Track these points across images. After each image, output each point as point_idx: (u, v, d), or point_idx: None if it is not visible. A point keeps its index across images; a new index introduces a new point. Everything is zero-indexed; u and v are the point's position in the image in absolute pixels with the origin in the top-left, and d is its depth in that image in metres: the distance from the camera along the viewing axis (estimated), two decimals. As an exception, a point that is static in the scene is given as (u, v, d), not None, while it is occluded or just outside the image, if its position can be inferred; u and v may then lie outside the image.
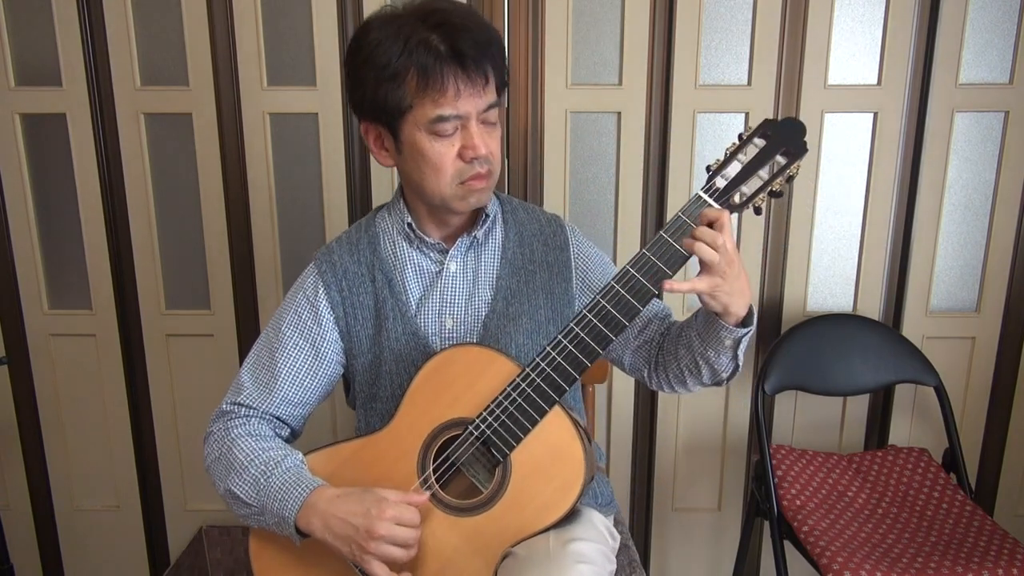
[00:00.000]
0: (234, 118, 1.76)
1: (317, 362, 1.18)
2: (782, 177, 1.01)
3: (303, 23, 1.71)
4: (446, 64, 1.03)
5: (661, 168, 1.78)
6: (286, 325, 1.18)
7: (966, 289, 1.84)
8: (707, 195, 1.01)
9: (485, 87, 1.07)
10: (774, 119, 1.02)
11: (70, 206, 1.81)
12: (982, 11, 1.69)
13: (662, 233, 1.01)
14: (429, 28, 1.03)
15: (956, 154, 1.76)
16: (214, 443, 1.15)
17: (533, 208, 1.26)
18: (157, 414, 1.93)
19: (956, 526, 1.55)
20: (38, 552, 2.03)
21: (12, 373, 1.91)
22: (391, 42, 1.03)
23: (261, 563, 1.14)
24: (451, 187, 1.10)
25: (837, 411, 1.91)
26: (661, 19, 1.71)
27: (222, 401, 1.18)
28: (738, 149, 1.02)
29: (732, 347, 1.08)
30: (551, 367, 1.03)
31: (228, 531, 1.97)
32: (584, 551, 1.05)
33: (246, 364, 1.19)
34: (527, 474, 1.05)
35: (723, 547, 1.99)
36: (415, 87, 1.04)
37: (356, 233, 1.22)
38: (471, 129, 1.07)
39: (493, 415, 1.05)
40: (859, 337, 1.75)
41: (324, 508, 1.03)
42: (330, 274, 1.18)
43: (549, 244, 1.22)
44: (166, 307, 1.87)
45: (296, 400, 1.18)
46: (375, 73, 1.05)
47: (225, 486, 1.10)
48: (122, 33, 1.71)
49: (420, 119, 1.06)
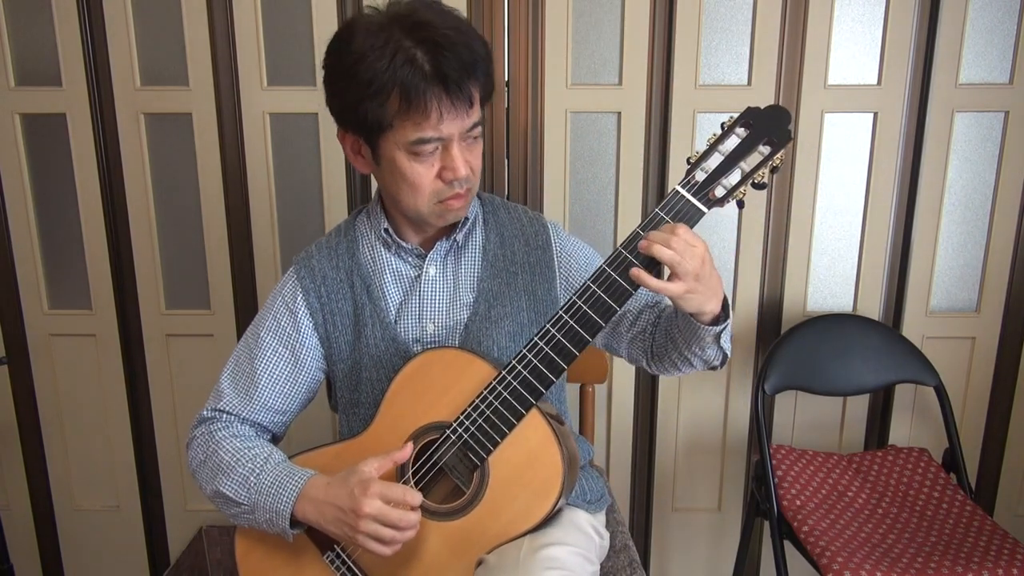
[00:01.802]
0: (234, 118, 1.76)
1: (296, 368, 1.17)
2: (765, 167, 0.97)
3: (303, 23, 1.71)
4: (430, 86, 0.99)
5: (661, 168, 1.78)
6: (265, 331, 1.17)
7: (966, 289, 1.84)
8: (685, 189, 0.98)
9: (470, 109, 1.04)
10: (756, 107, 0.98)
11: (70, 206, 1.81)
12: (982, 11, 1.69)
13: (638, 230, 0.98)
14: (415, 43, 0.99)
15: (956, 154, 1.76)
16: (198, 448, 1.14)
17: (515, 207, 1.24)
18: (157, 414, 1.93)
19: (956, 526, 1.55)
20: (38, 552, 2.03)
21: (12, 373, 1.91)
22: (375, 56, 0.99)
23: (248, 565, 1.13)
24: (428, 205, 1.09)
25: (837, 411, 1.91)
26: (661, 19, 1.71)
27: (203, 407, 1.17)
28: (719, 140, 0.99)
29: (714, 341, 1.06)
30: (527, 369, 1.02)
31: (228, 531, 1.97)
32: (557, 556, 1.03)
33: (226, 370, 1.18)
34: (505, 479, 1.04)
35: (723, 547, 1.99)
36: (397, 107, 1.00)
37: (335, 237, 1.21)
38: (452, 151, 1.04)
39: (470, 418, 1.04)
40: (859, 337, 1.75)
41: (315, 496, 1.03)
42: (308, 280, 1.17)
43: (531, 244, 1.19)
44: (166, 307, 1.87)
45: (276, 407, 1.17)
46: (356, 87, 1.01)
47: (213, 488, 1.10)
48: (122, 33, 1.71)
49: (400, 139, 1.03)
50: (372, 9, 1.05)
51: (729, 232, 1.81)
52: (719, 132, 0.99)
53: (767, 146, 0.97)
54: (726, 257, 1.82)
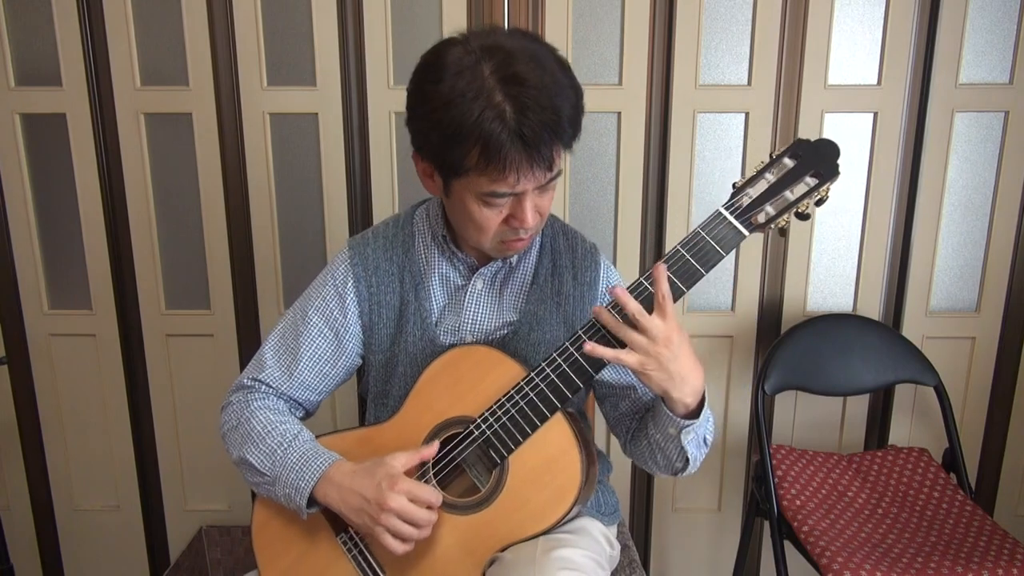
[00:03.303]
0: (234, 118, 1.76)
1: (338, 351, 1.18)
2: (810, 199, 0.99)
3: (303, 23, 1.71)
4: (513, 149, 0.95)
5: (661, 168, 1.78)
6: (313, 310, 1.18)
7: (966, 289, 1.84)
8: (729, 212, 1.00)
9: (550, 168, 1.00)
10: (807, 139, 1.00)
11: (70, 206, 1.81)
12: (982, 11, 1.69)
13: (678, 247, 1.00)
14: (505, 98, 0.94)
15: (956, 154, 1.76)
16: (232, 412, 1.16)
17: (574, 235, 1.23)
18: (157, 414, 1.93)
19: (956, 526, 1.55)
20: (38, 552, 2.03)
21: (12, 373, 1.91)
22: (463, 101, 0.95)
23: (263, 537, 1.15)
24: (491, 243, 1.09)
25: (837, 411, 1.91)
26: (661, 19, 1.71)
27: (243, 374, 1.19)
28: (767, 167, 1.01)
29: (676, 436, 1.05)
30: (556, 374, 1.03)
31: (228, 531, 1.97)
32: (571, 557, 1.05)
33: (270, 341, 1.20)
34: (523, 478, 1.05)
35: (723, 547, 1.99)
36: (476, 159, 0.97)
37: (392, 228, 1.20)
38: (524, 203, 1.03)
39: (495, 416, 1.05)
40: (859, 337, 1.75)
41: (339, 481, 1.04)
42: (361, 267, 1.17)
43: (579, 279, 1.19)
44: (166, 307, 1.87)
45: (313, 386, 1.18)
46: (439, 130, 0.98)
47: (240, 454, 1.12)
48: (122, 33, 1.71)
49: (474, 187, 1.01)
50: (463, 37, 1.00)
51: (729, 232, 1.81)
52: (767, 160, 1.01)
53: (814, 178, 0.99)
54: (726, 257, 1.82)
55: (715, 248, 1.00)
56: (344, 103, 1.75)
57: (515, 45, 0.98)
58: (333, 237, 1.82)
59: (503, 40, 0.99)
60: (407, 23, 1.71)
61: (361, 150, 1.78)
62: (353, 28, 1.72)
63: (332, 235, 1.81)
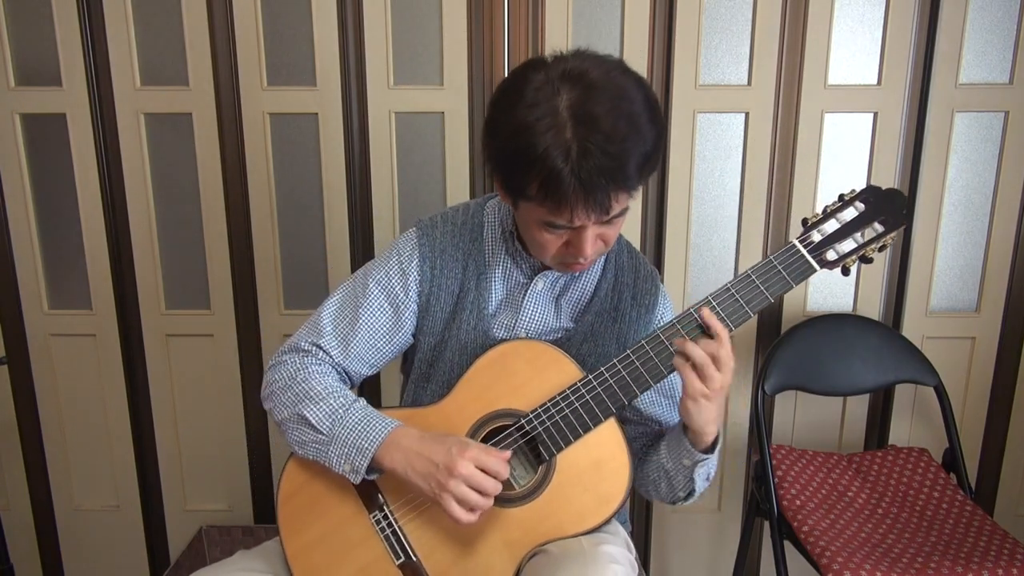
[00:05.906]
0: (234, 118, 1.76)
1: (395, 327, 1.18)
2: (876, 244, 1.05)
3: (303, 23, 1.71)
4: (572, 189, 0.94)
5: (661, 168, 1.78)
6: (374, 283, 1.18)
7: (966, 289, 1.84)
8: (803, 246, 1.05)
9: (606, 212, 0.99)
10: (877, 186, 1.06)
11: (70, 206, 1.81)
12: (982, 11, 1.69)
13: (748, 272, 1.05)
14: (574, 133, 0.93)
15: (956, 154, 1.76)
16: (284, 370, 1.15)
17: (638, 256, 1.24)
18: (157, 414, 1.93)
19: (956, 526, 1.55)
20: (38, 552, 2.03)
21: (12, 373, 1.91)
22: (533, 135, 0.94)
23: (288, 509, 1.13)
24: (551, 261, 1.10)
25: (837, 411, 1.91)
26: (661, 19, 1.71)
27: (299, 336, 1.18)
28: (838, 208, 1.06)
29: (690, 468, 1.09)
30: (614, 379, 1.05)
31: (228, 531, 1.97)
32: (616, 554, 1.06)
33: (328, 307, 1.19)
34: (570, 477, 1.06)
35: (723, 547, 1.99)
36: (537, 189, 0.97)
37: (463, 216, 1.20)
38: (583, 235, 1.02)
39: (548, 413, 1.06)
40: (859, 337, 1.75)
41: (408, 445, 1.04)
42: (428, 248, 1.17)
43: (637, 300, 1.20)
44: (166, 307, 1.87)
45: (366, 359, 1.18)
46: (509, 152, 0.98)
47: (296, 411, 1.10)
48: (122, 33, 1.71)
49: (535, 213, 1.02)
50: (548, 60, 0.99)
51: (729, 232, 1.81)
52: (838, 201, 1.07)
53: (881, 225, 1.05)
54: (726, 257, 1.82)
55: (785, 278, 1.05)
56: (344, 103, 1.75)
57: (600, 77, 0.96)
58: (333, 237, 1.82)
59: (590, 67, 0.96)
60: (407, 23, 1.71)
61: (361, 150, 1.78)
62: (353, 28, 1.72)
63: (332, 235, 1.82)
